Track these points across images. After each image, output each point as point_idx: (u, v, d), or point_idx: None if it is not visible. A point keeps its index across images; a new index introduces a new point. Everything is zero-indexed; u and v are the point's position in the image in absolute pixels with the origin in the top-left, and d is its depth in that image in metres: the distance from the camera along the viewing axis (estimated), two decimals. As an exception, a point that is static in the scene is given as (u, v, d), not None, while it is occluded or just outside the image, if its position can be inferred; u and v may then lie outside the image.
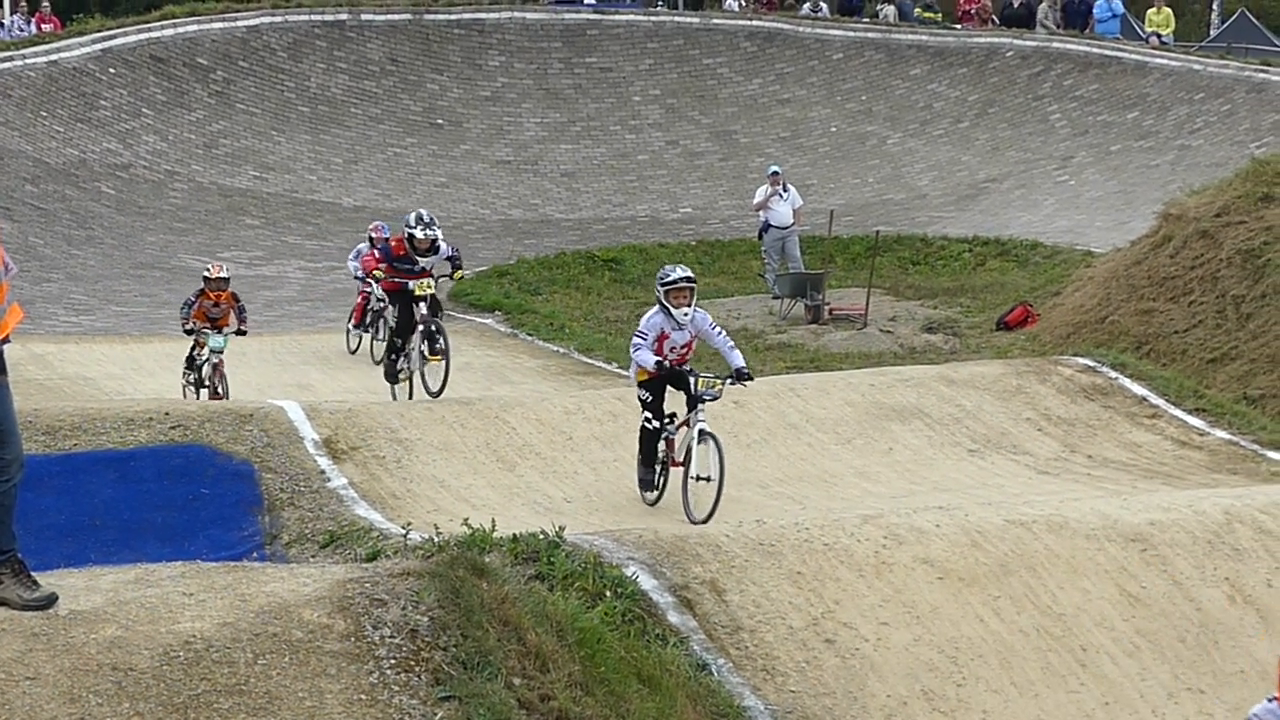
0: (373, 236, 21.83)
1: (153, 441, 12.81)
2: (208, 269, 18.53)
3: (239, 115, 32.85)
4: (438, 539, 9.48)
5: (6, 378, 7.30)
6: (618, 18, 36.33)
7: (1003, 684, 9.24)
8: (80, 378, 19.39)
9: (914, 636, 9.40)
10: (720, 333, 13.05)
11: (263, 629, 7.24)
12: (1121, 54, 34.23)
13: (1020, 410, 15.36)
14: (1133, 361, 16.83)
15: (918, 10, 37.43)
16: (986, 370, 16.36)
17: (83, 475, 12.44)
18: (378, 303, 20.63)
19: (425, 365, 15.74)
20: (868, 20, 37.21)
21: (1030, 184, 31.48)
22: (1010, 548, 10.15)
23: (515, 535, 9.78)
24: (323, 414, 13.69)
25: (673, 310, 12.68)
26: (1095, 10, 35.64)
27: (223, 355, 17.67)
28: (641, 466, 13.03)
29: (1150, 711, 9.33)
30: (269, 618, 7.30)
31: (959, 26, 36.83)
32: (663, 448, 12.90)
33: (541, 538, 9.72)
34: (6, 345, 7.32)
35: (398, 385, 16.31)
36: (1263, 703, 6.19)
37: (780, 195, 24.81)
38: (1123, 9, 36.14)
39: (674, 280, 12.70)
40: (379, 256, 16.16)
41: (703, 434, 12.56)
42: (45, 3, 34.54)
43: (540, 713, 7.39)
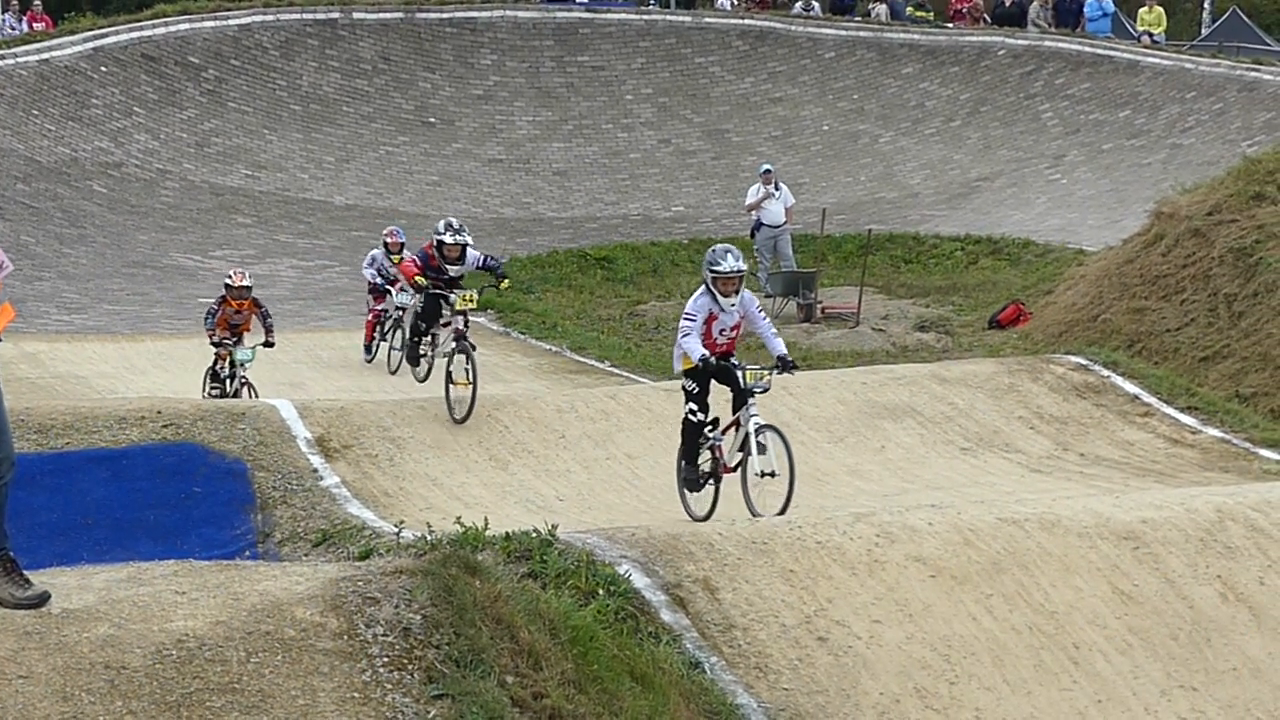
0: (388, 242, 21.55)
1: (145, 440, 12.81)
2: (229, 276, 18.17)
3: (231, 114, 32.80)
4: (430, 537, 9.45)
5: (-2, 376, 7.29)
6: (610, 16, 36.30)
7: (995, 682, 9.24)
8: (72, 376, 19.36)
9: (906, 634, 9.40)
10: (765, 318, 12.46)
11: (255, 627, 7.23)
12: (1113, 53, 34.25)
13: (1012, 408, 15.38)
14: (1125, 360, 16.85)
15: (909, 9, 37.45)
16: (979, 369, 16.38)
17: (75, 474, 12.44)
18: (396, 311, 20.29)
19: (453, 389, 14.76)
20: (859, 19, 37.22)
21: (1022, 182, 31.48)
22: (1003, 546, 10.15)
23: (508, 533, 9.76)
24: (315, 412, 13.69)
25: (719, 298, 12.04)
26: (1087, 9, 35.64)
27: (249, 367, 17.40)
28: (684, 464, 12.28)
29: (1143, 709, 9.33)
30: (261, 616, 7.30)
31: (951, 25, 36.85)
32: (707, 457, 12.14)
33: (534, 536, 9.71)
34: (-2, 343, 7.32)
35: (418, 368, 15.87)
36: None
37: (772, 194, 24.85)
38: (1114, 8, 36.17)
39: (725, 271, 12.03)
40: (419, 265, 15.48)
41: (761, 428, 11.84)
42: (37, 1, 34.46)
43: (533, 711, 7.38)
